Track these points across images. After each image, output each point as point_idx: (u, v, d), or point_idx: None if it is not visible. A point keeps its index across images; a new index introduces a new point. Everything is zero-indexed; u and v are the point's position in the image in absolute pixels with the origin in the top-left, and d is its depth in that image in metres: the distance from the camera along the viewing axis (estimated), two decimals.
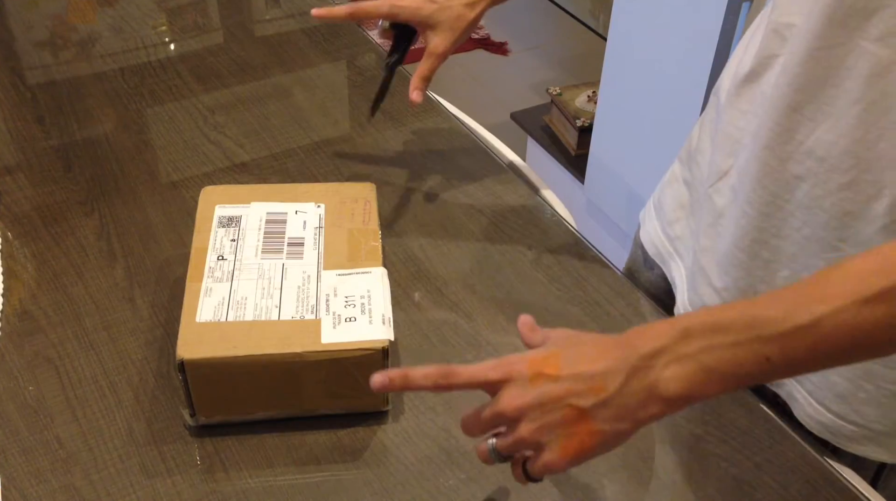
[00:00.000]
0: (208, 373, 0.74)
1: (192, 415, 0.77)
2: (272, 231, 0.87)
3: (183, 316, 0.77)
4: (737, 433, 0.81)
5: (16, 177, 1.06)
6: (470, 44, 3.17)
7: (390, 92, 1.01)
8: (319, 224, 0.88)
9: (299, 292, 0.80)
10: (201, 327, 0.76)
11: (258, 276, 0.81)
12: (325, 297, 0.80)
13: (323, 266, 0.83)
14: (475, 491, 0.74)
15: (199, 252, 0.84)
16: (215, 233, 0.86)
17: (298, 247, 0.85)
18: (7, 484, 0.74)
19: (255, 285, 0.80)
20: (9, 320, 0.88)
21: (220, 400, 0.77)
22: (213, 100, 1.21)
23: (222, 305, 0.78)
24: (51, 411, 0.80)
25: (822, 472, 0.78)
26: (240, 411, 0.78)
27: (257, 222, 0.88)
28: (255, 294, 0.80)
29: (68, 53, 1.31)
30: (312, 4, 1.46)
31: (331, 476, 0.75)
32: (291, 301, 0.79)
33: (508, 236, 1.00)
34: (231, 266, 0.82)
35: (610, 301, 0.93)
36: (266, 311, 0.78)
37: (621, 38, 1.92)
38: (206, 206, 0.89)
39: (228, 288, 0.80)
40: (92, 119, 1.16)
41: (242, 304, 0.78)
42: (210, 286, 0.80)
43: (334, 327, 0.77)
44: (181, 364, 0.73)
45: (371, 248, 0.86)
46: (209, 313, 0.77)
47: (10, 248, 0.97)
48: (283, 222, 0.88)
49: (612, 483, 0.76)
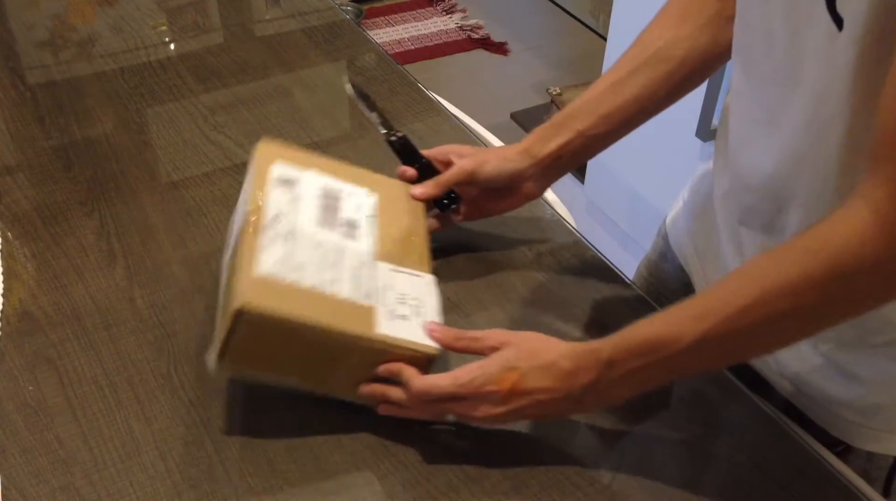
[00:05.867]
0: (261, 326, 0.72)
1: (219, 360, 0.74)
2: (328, 205, 0.84)
3: (239, 263, 0.75)
4: (737, 433, 0.81)
5: (16, 177, 1.06)
6: (470, 44, 3.17)
7: None
8: (372, 212, 0.86)
9: (355, 274, 0.78)
10: (261, 279, 0.74)
11: (315, 246, 0.79)
12: (380, 287, 0.78)
13: (376, 256, 0.82)
14: (475, 491, 0.74)
15: (257, 204, 0.80)
16: (273, 190, 0.82)
17: (353, 229, 0.83)
18: (7, 484, 0.74)
19: (313, 254, 0.78)
20: (9, 320, 0.88)
21: (254, 355, 0.75)
22: (213, 100, 1.21)
23: (281, 264, 0.75)
24: (51, 411, 0.80)
25: (823, 472, 0.78)
26: (266, 371, 0.76)
27: (314, 190, 0.84)
28: (312, 263, 0.77)
29: (68, 53, 1.31)
30: (312, 5, 1.46)
31: (330, 476, 0.75)
32: (347, 281, 0.77)
33: (508, 236, 1.00)
34: (288, 228, 0.79)
35: (610, 301, 0.93)
36: (325, 283, 0.76)
37: (621, 38, 1.91)
38: (263, 159, 0.85)
39: (286, 249, 0.77)
40: (92, 119, 1.16)
41: (300, 269, 0.76)
42: (268, 242, 0.77)
43: (388, 319, 0.76)
44: (238, 311, 0.70)
45: (421, 252, 0.85)
46: (269, 268, 0.75)
47: (10, 248, 0.97)
48: (338, 200, 0.85)
49: (612, 483, 0.76)
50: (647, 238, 1.11)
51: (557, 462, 0.77)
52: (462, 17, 3.32)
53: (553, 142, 0.89)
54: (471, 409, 0.73)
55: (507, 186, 0.91)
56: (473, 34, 3.21)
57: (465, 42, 3.18)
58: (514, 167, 0.90)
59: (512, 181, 0.91)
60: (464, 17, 3.31)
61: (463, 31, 3.24)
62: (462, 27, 3.26)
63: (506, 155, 0.91)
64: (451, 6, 3.38)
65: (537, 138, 0.90)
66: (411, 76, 1.28)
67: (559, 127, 0.89)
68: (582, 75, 2.91)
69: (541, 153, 0.90)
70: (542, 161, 0.90)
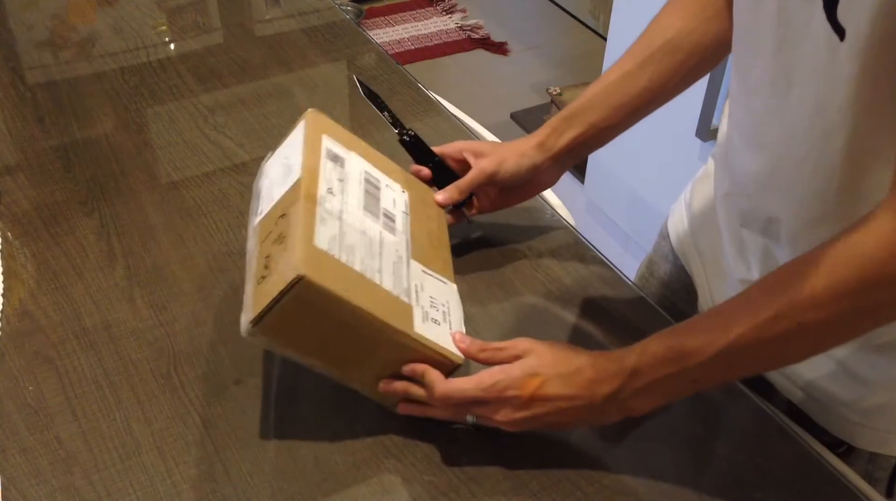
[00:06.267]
0: (312, 299, 0.69)
1: (253, 324, 0.70)
2: (371, 193, 0.82)
3: (294, 231, 0.72)
4: (737, 433, 0.81)
5: (16, 177, 1.06)
6: (470, 44, 3.17)
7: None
8: (405, 209, 0.85)
9: (395, 268, 0.77)
10: (320, 253, 0.71)
11: (361, 231, 0.77)
12: (415, 286, 0.78)
13: (411, 254, 0.81)
14: (475, 491, 0.74)
15: (311, 173, 0.77)
16: (324, 162, 0.79)
17: (391, 222, 0.82)
18: (7, 484, 0.74)
19: (361, 239, 0.76)
20: (9, 320, 0.88)
21: (292, 327, 0.71)
22: (213, 100, 1.21)
23: (335, 241, 0.73)
24: (51, 411, 0.80)
25: (823, 472, 0.78)
26: (297, 346, 0.73)
27: (358, 173, 0.82)
28: (360, 248, 0.75)
29: (68, 53, 1.31)
30: (312, 5, 1.46)
31: (331, 477, 0.75)
32: (390, 274, 0.76)
33: (508, 236, 1.00)
34: (338, 206, 0.77)
35: (610, 301, 0.93)
36: (371, 271, 0.74)
37: (621, 38, 1.91)
38: (313, 128, 0.83)
39: (337, 227, 0.75)
40: (92, 119, 1.16)
41: (351, 252, 0.74)
42: (324, 215, 0.74)
43: (423, 320, 0.76)
44: (298, 278, 0.68)
45: (445, 258, 0.85)
46: (324, 242, 0.72)
47: (10, 248, 0.97)
48: (378, 189, 0.84)
49: (613, 483, 0.76)
50: (647, 238, 1.11)
51: (557, 462, 0.77)
52: (462, 17, 3.32)
53: (566, 135, 0.90)
54: (492, 412, 0.73)
55: (524, 181, 0.92)
56: (473, 34, 3.21)
57: (465, 42, 3.18)
58: (532, 163, 0.91)
59: (529, 176, 0.92)
60: (464, 17, 3.31)
61: (463, 31, 3.24)
62: (462, 27, 3.26)
63: (523, 151, 0.91)
64: (451, 6, 3.38)
65: (551, 131, 0.91)
66: (411, 76, 1.28)
67: (572, 119, 0.90)
68: (582, 75, 2.92)
69: (556, 147, 0.90)
70: (556, 154, 0.91)
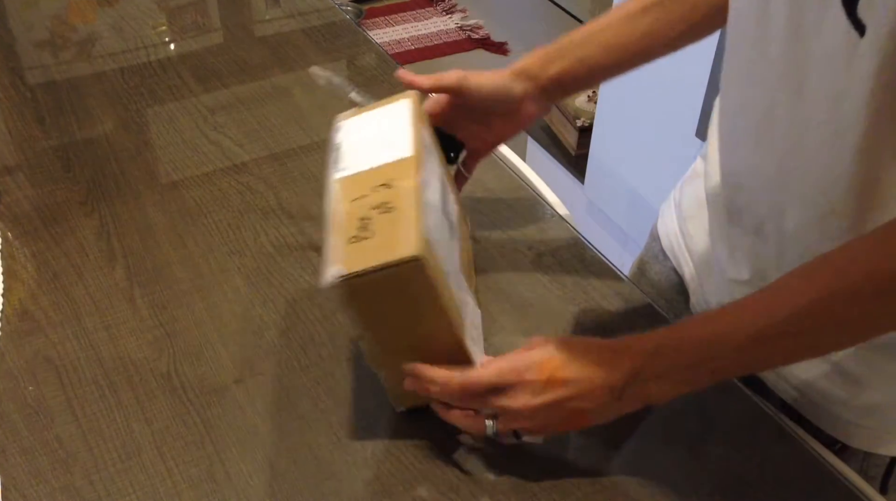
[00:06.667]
0: (411, 283, 0.67)
1: (344, 279, 0.66)
2: (444, 194, 0.79)
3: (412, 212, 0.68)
4: (737, 433, 0.81)
5: (16, 177, 1.06)
6: (470, 44, 3.17)
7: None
8: (457, 220, 0.83)
9: (457, 276, 0.74)
10: (428, 241, 0.67)
11: (441, 231, 0.73)
12: (463, 300, 0.75)
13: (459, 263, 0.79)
14: (475, 491, 0.74)
15: (419, 157, 0.73)
16: (424, 153, 0.76)
17: (454, 229, 0.79)
18: (7, 484, 0.74)
19: (440, 239, 0.72)
20: (9, 320, 0.88)
21: (374, 297, 0.68)
22: (213, 100, 1.21)
23: (432, 232, 0.70)
24: (51, 411, 0.80)
25: (823, 472, 0.78)
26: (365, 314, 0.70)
27: (437, 171, 0.79)
28: (442, 246, 0.72)
29: (68, 53, 1.31)
30: (312, 5, 1.46)
31: (331, 476, 0.75)
32: (454, 279, 0.73)
33: (508, 236, 1.00)
34: (431, 201, 0.73)
35: (610, 301, 0.93)
36: (449, 274, 0.72)
37: None
38: (416, 111, 0.80)
39: (432, 221, 0.71)
40: (92, 119, 1.16)
41: (439, 247, 0.71)
42: (425, 205, 0.70)
43: (467, 335, 0.73)
44: (412, 258, 0.65)
45: (472, 279, 0.84)
46: (430, 233, 0.69)
47: (10, 248, 0.97)
48: (448, 194, 0.81)
49: (613, 483, 0.76)
50: (646, 238, 1.11)
51: (557, 462, 0.77)
52: (462, 17, 3.32)
53: (553, 67, 0.87)
54: (510, 400, 0.70)
55: (504, 105, 0.88)
56: (473, 34, 3.21)
57: (465, 42, 3.18)
58: (506, 84, 0.88)
59: (508, 99, 0.88)
60: (464, 17, 3.32)
61: (463, 31, 3.24)
62: (462, 27, 3.26)
63: (494, 73, 0.89)
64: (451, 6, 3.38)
65: (536, 60, 0.88)
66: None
67: (559, 51, 0.88)
68: None
69: (541, 76, 0.88)
70: (542, 84, 0.88)
